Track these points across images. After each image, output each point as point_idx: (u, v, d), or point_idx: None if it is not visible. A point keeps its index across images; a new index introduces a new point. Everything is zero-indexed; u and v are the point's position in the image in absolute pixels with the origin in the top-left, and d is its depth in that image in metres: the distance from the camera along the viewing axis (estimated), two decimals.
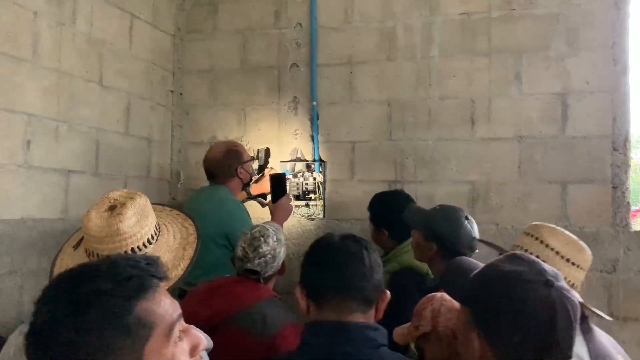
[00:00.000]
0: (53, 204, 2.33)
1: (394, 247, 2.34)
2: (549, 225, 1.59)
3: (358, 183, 2.93)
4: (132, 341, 0.75)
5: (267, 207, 2.68)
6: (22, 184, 2.16)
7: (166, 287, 1.21)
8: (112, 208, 1.28)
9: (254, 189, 2.82)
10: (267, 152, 3.11)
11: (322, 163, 3.00)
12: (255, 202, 2.96)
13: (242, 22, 3.18)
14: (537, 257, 1.24)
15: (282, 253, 1.87)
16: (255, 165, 3.04)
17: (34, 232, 2.22)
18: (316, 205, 2.98)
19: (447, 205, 2.03)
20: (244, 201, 2.71)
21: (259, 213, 2.91)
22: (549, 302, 1.00)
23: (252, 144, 3.14)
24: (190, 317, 1.66)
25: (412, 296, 1.68)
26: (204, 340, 0.90)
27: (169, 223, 1.42)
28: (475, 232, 1.91)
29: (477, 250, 1.92)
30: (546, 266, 1.08)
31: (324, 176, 2.99)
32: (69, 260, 1.35)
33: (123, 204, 1.27)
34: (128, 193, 1.33)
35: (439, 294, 1.46)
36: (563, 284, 1.04)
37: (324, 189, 2.98)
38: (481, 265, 1.18)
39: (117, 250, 1.24)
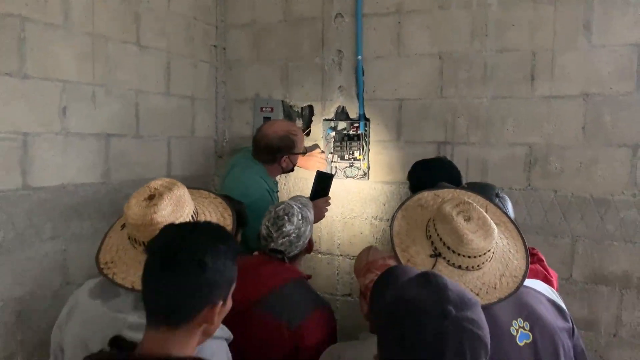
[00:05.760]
0: (93, 169, 2.35)
1: None
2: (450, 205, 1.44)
3: (405, 144, 2.76)
4: None
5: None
6: (61, 151, 2.19)
7: None
8: (150, 197, 1.34)
9: (300, 162, 2.68)
10: (311, 110, 2.98)
11: (367, 122, 2.84)
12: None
13: None
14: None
15: (307, 231, 1.79)
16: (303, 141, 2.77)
17: (75, 197, 2.26)
18: (360, 167, 2.85)
19: (477, 183, 1.90)
20: None
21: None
22: (439, 334, 0.95)
23: (295, 102, 3.02)
24: None
25: None
26: None
27: (209, 212, 1.47)
28: (509, 210, 1.74)
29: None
30: (455, 291, 0.99)
31: (368, 136, 2.84)
32: (116, 238, 1.43)
33: (161, 194, 1.33)
34: (169, 183, 1.38)
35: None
36: (467, 313, 0.97)
37: (369, 149, 2.84)
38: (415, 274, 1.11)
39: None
